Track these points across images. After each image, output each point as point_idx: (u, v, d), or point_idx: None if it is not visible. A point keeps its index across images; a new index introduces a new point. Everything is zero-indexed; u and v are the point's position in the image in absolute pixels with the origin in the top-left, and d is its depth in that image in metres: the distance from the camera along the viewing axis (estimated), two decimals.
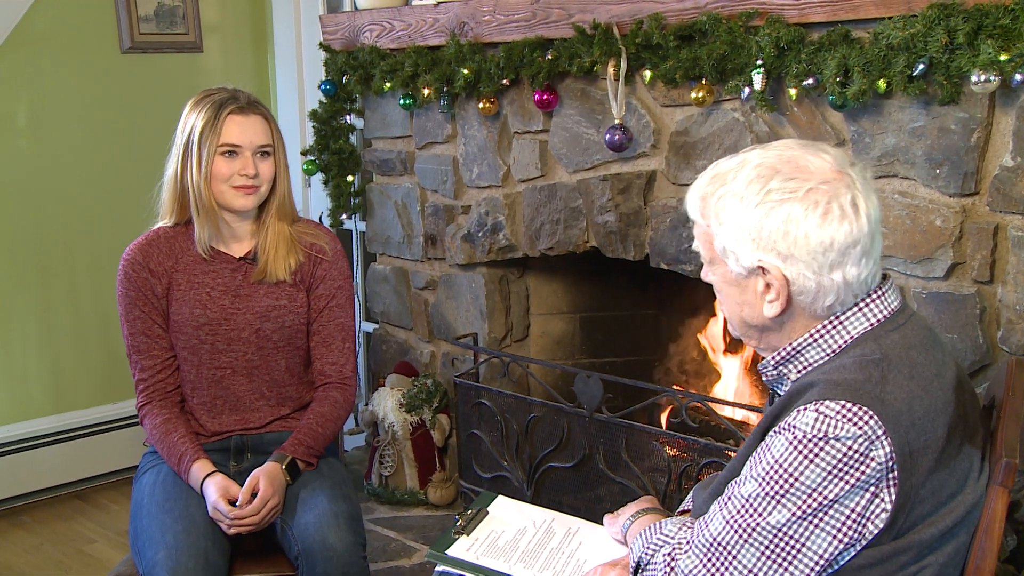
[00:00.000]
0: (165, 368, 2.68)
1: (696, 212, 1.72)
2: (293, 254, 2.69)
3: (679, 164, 2.96)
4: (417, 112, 3.75)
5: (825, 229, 1.58)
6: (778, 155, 1.65)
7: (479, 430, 3.55)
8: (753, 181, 1.63)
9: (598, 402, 3.13)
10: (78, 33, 4.13)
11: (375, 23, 3.70)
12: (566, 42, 3.07)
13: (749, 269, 1.65)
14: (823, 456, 1.51)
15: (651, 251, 3.08)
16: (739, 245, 1.64)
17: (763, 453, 1.59)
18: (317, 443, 2.64)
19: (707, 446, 2.88)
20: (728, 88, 2.71)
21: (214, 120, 2.54)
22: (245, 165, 2.56)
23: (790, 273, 1.61)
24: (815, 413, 1.53)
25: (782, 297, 1.64)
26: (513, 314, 3.75)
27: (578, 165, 3.23)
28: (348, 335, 2.77)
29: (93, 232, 4.23)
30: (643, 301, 3.85)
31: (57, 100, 4.11)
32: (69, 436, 4.21)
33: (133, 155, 4.23)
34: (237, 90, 2.63)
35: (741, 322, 1.74)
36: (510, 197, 3.49)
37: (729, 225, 1.64)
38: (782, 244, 1.60)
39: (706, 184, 1.70)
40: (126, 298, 2.64)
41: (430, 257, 3.87)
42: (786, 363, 1.70)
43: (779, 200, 1.60)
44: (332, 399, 2.72)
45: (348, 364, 2.77)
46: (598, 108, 3.13)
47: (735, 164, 1.67)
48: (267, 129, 2.62)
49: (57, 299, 4.19)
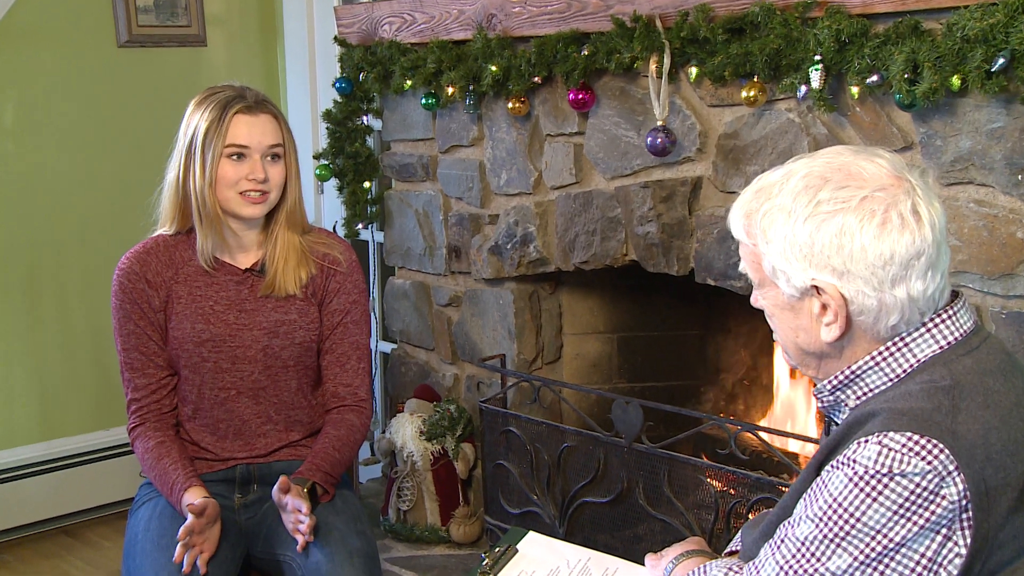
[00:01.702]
0: (161, 388, 2.69)
1: (740, 231, 1.72)
2: (304, 266, 2.70)
3: (728, 170, 2.95)
4: (440, 113, 3.76)
5: (884, 240, 1.57)
6: (827, 163, 1.64)
7: (507, 461, 3.55)
8: (801, 192, 1.62)
9: (638, 431, 3.12)
10: (70, 26, 4.17)
11: (395, 15, 3.72)
12: (604, 36, 3.08)
13: (802, 289, 1.64)
14: (887, 494, 1.50)
15: (696, 265, 3.07)
16: (789, 264, 1.63)
17: (819, 490, 1.58)
18: (335, 469, 2.64)
19: (758, 481, 2.87)
20: (783, 86, 2.70)
21: (219, 120, 2.55)
22: (254, 168, 2.58)
23: (848, 291, 1.61)
24: (878, 446, 1.52)
25: (840, 319, 1.63)
26: (544, 334, 3.75)
27: (616, 171, 3.24)
28: (363, 354, 2.78)
29: (86, 242, 4.26)
30: (688, 320, 3.84)
31: (47, 99, 4.15)
32: (57, 466, 4.23)
33: (130, 159, 4.26)
34: (244, 87, 2.64)
35: (797, 349, 1.73)
36: (542, 206, 3.49)
37: (777, 242, 1.64)
38: (837, 259, 1.59)
39: (750, 200, 1.70)
40: (120, 311, 2.66)
41: (454, 271, 3.88)
42: (844, 388, 1.69)
43: (831, 211, 1.59)
44: (348, 422, 2.73)
45: (363, 386, 2.78)
46: (638, 108, 3.13)
47: (780, 176, 1.67)
48: (277, 129, 2.63)
49: (45, 315, 4.22)
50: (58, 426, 4.27)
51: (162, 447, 2.63)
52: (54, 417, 4.26)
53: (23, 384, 4.19)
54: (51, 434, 4.26)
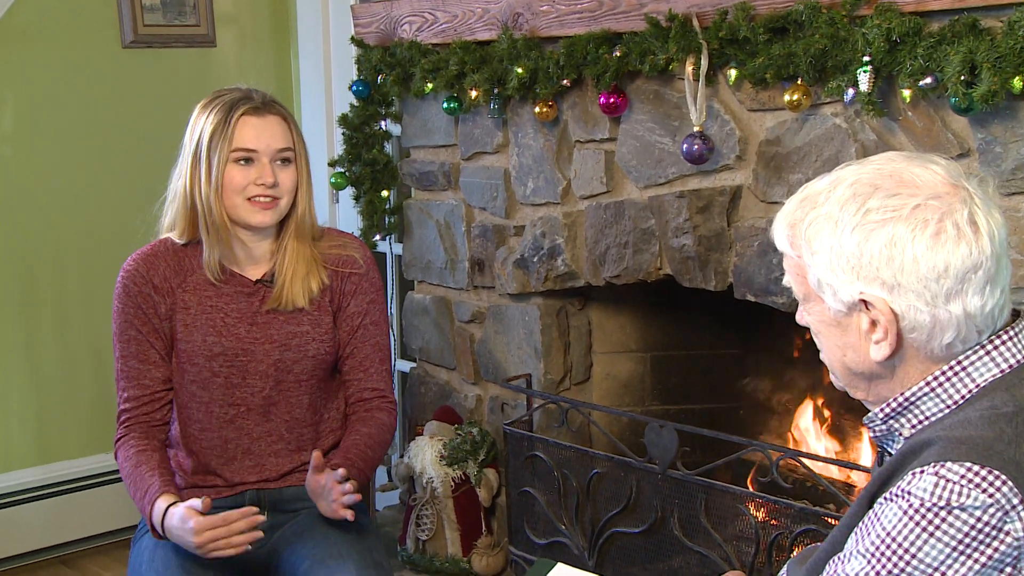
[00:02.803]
0: (155, 400, 2.70)
1: (784, 242, 1.71)
2: (315, 276, 2.71)
3: (769, 179, 2.94)
4: (463, 117, 3.77)
5: (938, 252, 1.56)
6: (877, 169, 1.63)
7: (532, 488, 3.54)
8: (849, 201, 1.61)
9: (672, 456, 3.11)
10: (73, 25, 4.19)
11: (415, 14, 3.73)
12: (637, 36, 3.07)
13: (850, 304, 1.63)
14: (945, 529, 1.48)
15: (735, 280, 3.06)
16: (836, 276, 1.62)
17: (872, 524, 1.56)
18: (367, 468, 2.67)
19: (803, 511, 2.85)
20: (828, 89, 2.69)
21: (225, 122, 2.57)
22: (262, 173, 2.59)
23: (898, 306, 1.59)
24: (935, 477, 1.50)
25: (891, 335, 1.61)
26: (573, 352, 3.75)
27: (650, 179, 3.23)
28: (385, 355, 2.82)
29: (86, 254, 4.27)
30: (726, 339, 3.84)
31: (48, 102, 4.17)
32: (55, 491, 4.24)
33: (135, 166, 4.28)
34: (251, 89, 2.66)
35: (844, 369, 1.72)
36: (570, 216, 3.49)
37: (823, 254, 1.63)
38: (886, 272, 1.58)
39: (794, 209, 1.69)
40: (122, 315, 2.67)
41: (477, 285, 3.88)
42: (898, 416, 1.68)
43: (880, 220, 1.58)
44: (378, 420, 2.76)
45: (388, 387, 2.83)
46: (674, 113, 3.13)
47: (827, 184, 1.66)
48: (287, 131, 2.64)
49: (43, 331, 4.24)
50: (56, 449, 4.28)
51: (142, 455, 2.63)
52: (52, 439, 4.27)
53: (19, 404, 4.21)
54: (48, 457, 4.27)
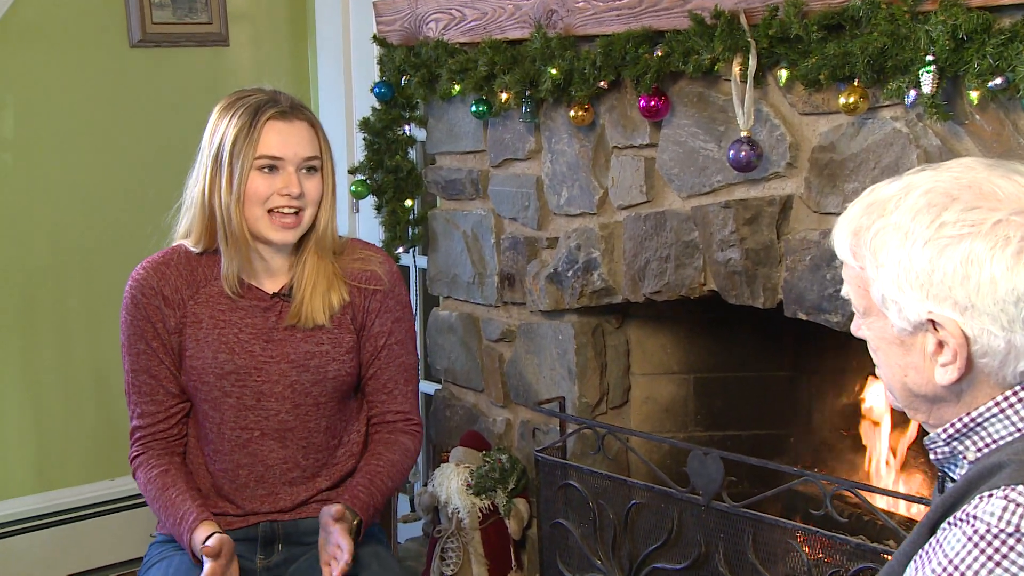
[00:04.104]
0: (170, 417, 2.71)
1: (846, 251, 1.70)
2: (336, 291, 2.72)
3: (822, 188, 2.93)
4: (492, 122, 3.77)
5: (1018, 273, 1.54)
6: (955, 178, 1.62)
7: (566, 519, 3.53)
8: (922, 211, 1.60)
9: (718, 487, 3.09)
10: (77, 24, 4.22)
11: (442, 11, 3.73)
12: (680, 34, 3.07)
13: (916, 324, 1.62)
14: (1013, 558, 1.47)
15: (786, 297, 3.05)
16: (903, 293, 1.61)
17: (933, 551, 1.55)
18: (384, 498, 2.70)
19: (859, 547, 2.83)
20: (888, 91, 2.68)
21: (250, 127, 2.57)
22: (288, 182, 2.59)
23: (970, 329, 1.58)
24: (1003, 501, 1.48)
25: (960, 359, 1.60)
26: (610, 374, 3.74)
27: (693, 188, 3.22)
28: (412, 375, 2.83)
29: (89, 268, 4.29)
30: (775, 360, 3.82)
31: (50, 105, 4.19)
32: (55, 520, 4.26)
33: (143, 173, 4.30)
34: (276, 92, 2.67)
35: (905, 390, 1.71)
36: (607, 228, 3.49)
37: (890, 268, 1.62)
38: (960, 292, 1.57)
39: (860, 215, 1.67)
40: (131, 327, 2.68)
41: (507, 302, 3.88)
42: (962, 438, 1.66)
43: (956, 235, 1.57)
44: (402, 446, 2.77)
45: (415, 409, 2.85)
46: (719, 117, 3.12)
47: (898, 190, 1.65)
48: (314, 139, 2.65)
49: (43, 350, 4.25)
50: (57, 476, 4.30)
51: (167, 476, 2.65)
52: (52, 465, 4.29)
53: (17, 427, 4.22)
54: (49, 484, 4.29)
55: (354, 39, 4.58)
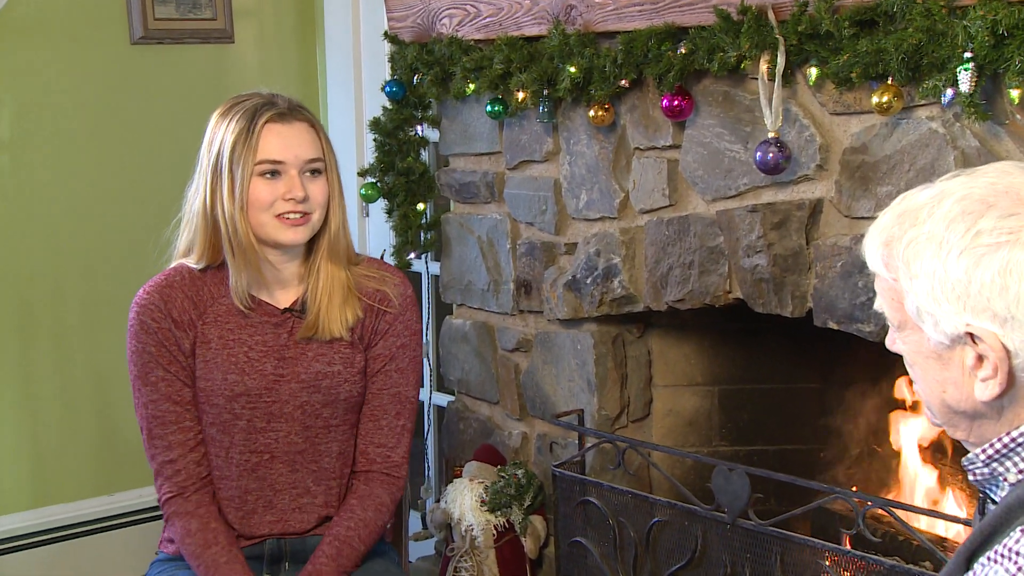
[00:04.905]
0: (199, 446, 2.71)
1: (878, 262, 1.68)
2: (351, 304, 2.70)
3: (854, 191, 2.92)
4: (508, 122, 3.77)
5: None
6: (991, 183, 1.60)
7: (584, 537, 3.52)
8: (957, 219, 1.58)
9: (744, 504, 3.09)
10: (76, 20, 4.23)
11: (456, 6, 3.74)
12: (705, 31, 3.06)
13: (953, 337, 1.60)
14: None
15: (815, 305, 3.04)
16: (939, 305, 1.59)
17: None
18: (351, 562, 2.65)
19: (893, 569, 2.82)
20: (923, 90, 2.66)
21: (248, 132, 2.57)
22: (291, 186, 2.58)
23: (1012, 342, 1.56)
24: None
25: (1000, 374, 1.58)
26: (631, 386, 3.73)
27: (718, 192, 3.21)
28: (404, 409, 2.78)
29: (89, 276, 4.30)
30: (804, 371, 3.82)
31: (48, 105, 4.20)
32: (51, 538, 4.26)
33: (145, 176, 4.31)
34: (274, 93, 2.66)
35: (943, 406, 1.69)
36: (628, 233, 3.48)
37: (924, 279, 1.60)
38: (999, 303, 1.55)
39: (891, 225, 1.66)
40: (143, 355, 2.66)
41: (523, 310, 3.88)
42: (1002, 459, 1.64)
43: (994, 244, 1.55)
44: (376, 500, 2.73)
45: (399, 447, 2.78)
46: (746, 117, 3.11)
47: (930, 197, 1.63)
48: (315, 140, 2.64)
49: (40, 361, 4.26)
50: (53, 491, 4.31)
51: (208, 531, 2.64)
52: (49, 480, 4.30)
53: (12, 440, 4.23)
54: (45, 500, 4.29)
55: (364, 36, 4.59)
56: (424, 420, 4.39)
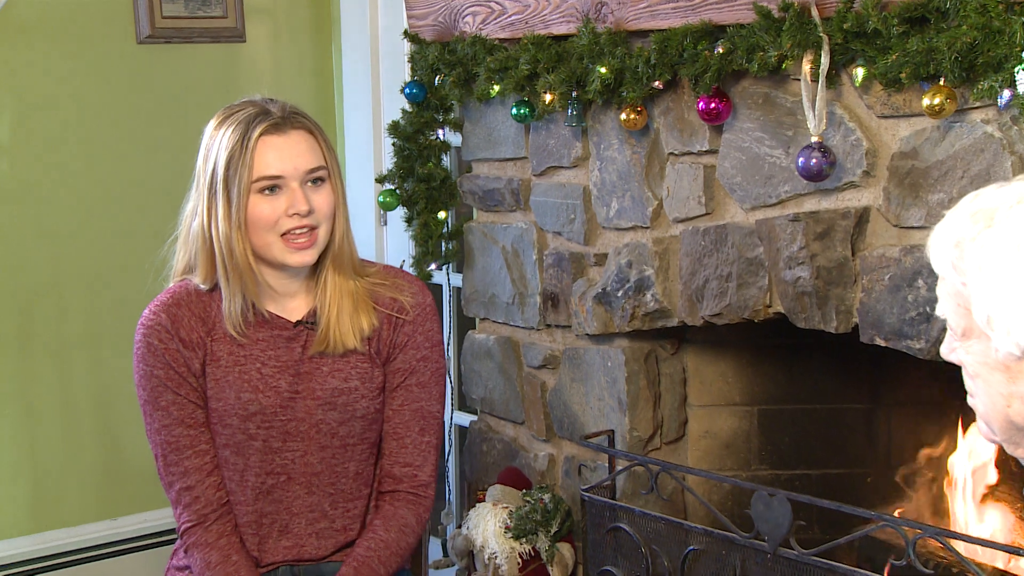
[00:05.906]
0: (216, 470, 2.71)
1: (945, 264, 1.67)
2: (364, 313, 2.70)
3: (903, 199, 2.90)
4: (535, 125, 3.77)
5: None
6: None
7: (615, 566, 3.51)
8: None
9: (785, 532, 3.07)
10: (80, 18, 4.25)
11: (480, 4, 3.74)
12: (744, 29, 3.06)
13: None
14: None
15: (861, 321, 3.02)
16: (1013, 315, 1.58)
17: None
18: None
19: None
20: (978, 92, 2.65)
21: (242, 146, 2.55)
22: (294, 200, 2.57)
23: None
24: None
25: None
26: (664, 405, 3.73)
27: (758, 200, 3.20)
28: (429, 425, 2.78)
29: (93, 288, 4.31)
30: (849, 391, 3.80)
31: (51, 106, 4.21)
32: (52, 564, 4.28)
33: (151, 181, 4.32)
34: (268, 100, 2.64)
35: (1006, 423, 1.69)
36: (662, 243, 3.47)
37: (998, 285, 1.59)
38: None
39: (963, 223, 1.65)
40: (152, 379, 2.66)
41: (550, 324, 3.88)
42: None
43: None
44: (401, 521, 2.73)
45: (426, 466, 2.78)
46: (787, 121, 3.10)
47: (1009, 196, 1.62)
48: (314, 147, 2.63)
49: (41, 377, 4.27)
50: (54, 515, 4.32)
51: (229, 564, 2.66)
52: (49, 504, 4.31)
53: (12, 463, 4.24)
54: (45, 525, 4.31)
55: (382, 35, 4.60)
56: (445, 441, 4.39)
